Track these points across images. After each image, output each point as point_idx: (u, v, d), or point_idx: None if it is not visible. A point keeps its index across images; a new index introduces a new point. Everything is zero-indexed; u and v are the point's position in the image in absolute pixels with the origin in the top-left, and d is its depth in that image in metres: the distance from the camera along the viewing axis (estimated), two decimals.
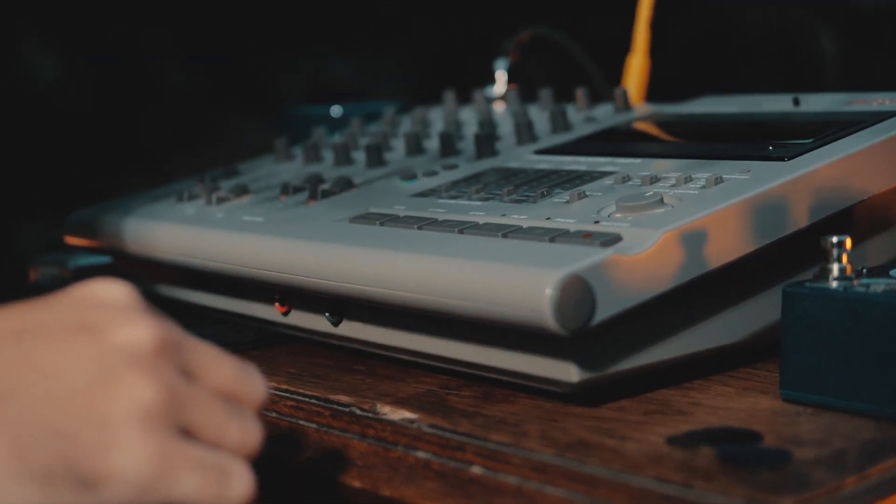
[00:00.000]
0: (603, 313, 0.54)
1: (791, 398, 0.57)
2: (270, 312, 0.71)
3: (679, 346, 0.59)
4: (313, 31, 2.88)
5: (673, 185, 0.63)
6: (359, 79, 2.92)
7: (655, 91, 0.91)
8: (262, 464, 0.56)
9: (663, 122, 0.80)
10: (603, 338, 0.56)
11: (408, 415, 0.59)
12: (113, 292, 0.47)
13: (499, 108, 0.96)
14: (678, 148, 0.72)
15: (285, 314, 0.71)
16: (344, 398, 0.62)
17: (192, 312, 0.78)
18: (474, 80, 1.00)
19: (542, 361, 0.57)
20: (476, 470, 0.53)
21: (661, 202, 0.60)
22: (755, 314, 0.62)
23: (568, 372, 0.56)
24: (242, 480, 0.46)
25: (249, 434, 0.48)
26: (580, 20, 1.05)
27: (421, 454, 0.56)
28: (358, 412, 0.60)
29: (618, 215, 0.60)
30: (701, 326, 0.60)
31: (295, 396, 0.64)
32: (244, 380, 0.49)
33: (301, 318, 0.70)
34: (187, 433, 0.46)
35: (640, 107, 0.86)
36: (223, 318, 0.76)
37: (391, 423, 0.58)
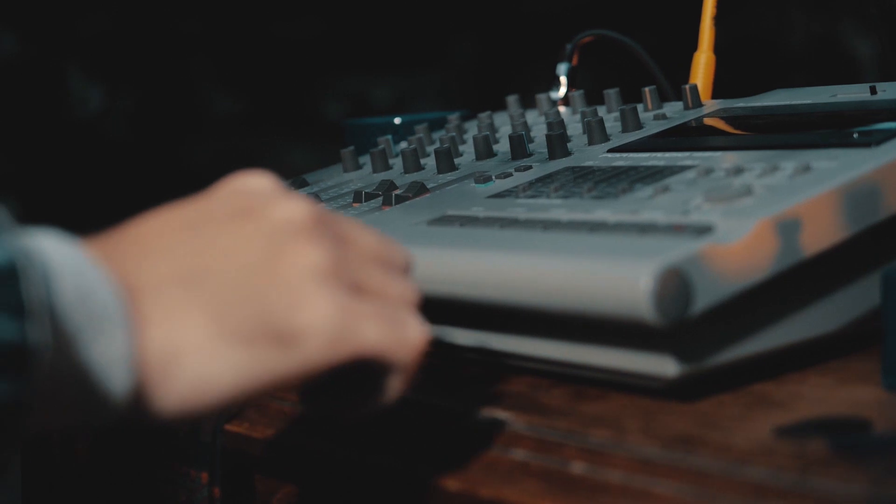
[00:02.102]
0: (701, 304, 0.53)
1: (894, 386, 0.55)
2: None
3: (777, 337, 0.58)
4: (352, 55, 2.88)
5: (759, 176, 0.62)
6: (398, 99, 2.92)
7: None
8: (356, 468, 0.55)
9: (737, 116, 0.78)
10: (700, 330, 0.55)
11: (501, 415, 0.57)
12: (257, 181, 0.51)
13: (561, 109, 0.95)
14: (758, 140, 0.71)
15: None
16: (434, 400, 0.61)
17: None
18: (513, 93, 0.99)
19: (637, 357, 0.56)
20: (578, 468, 0.52)
21: (749, 191, 0.59)
22: (850, 302, 0.60)
23: (665, 366, 0.55)
24: (417, 325, 0.50)
25: (408, 288, 0.51)
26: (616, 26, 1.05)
27: (518, 454, 0.55)
28: (449, 414, 0.59)
29: (706, 206, 0.59)
30: (798, 316, 0.58)
31: None
32: (389, 245, 0.53)
33: None
34: (356, 290, 0.49)
35: (709, 103, 0.84)
36: None
37: (484, 423, 0.57)
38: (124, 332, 0.44)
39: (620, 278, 0.53)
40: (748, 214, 0.56)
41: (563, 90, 0.96)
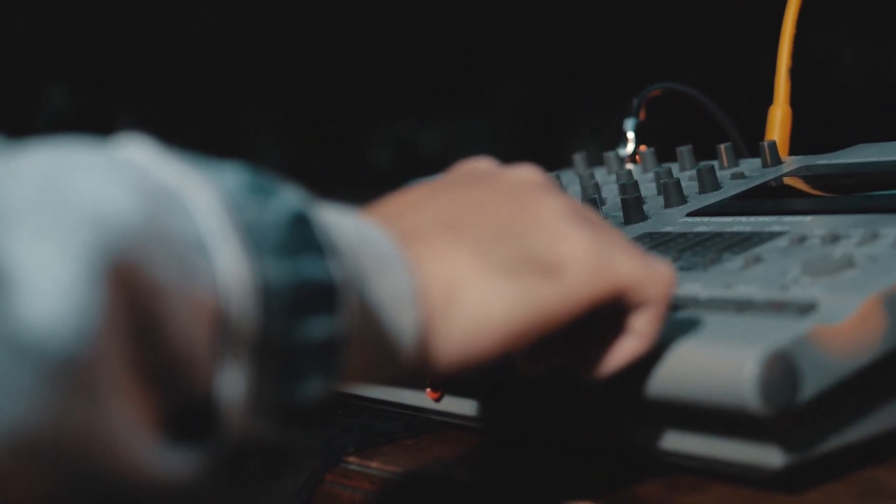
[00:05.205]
0: (809, 390, 0.49)
1: None
2: (421, 399, 0.67)
3: (888, 419, 0.54)
4: (399, 101, 2.87)
5: (858, 244, 0.58)
6: (446, 145, 2.90)
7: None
8: None
9: (822, 175, 0.75)
10: (807, 417, 0.51)
11: None
12: (484, 161, 0.55)
13: (629, 167, 0.92)
14: (850, 202, 0.67)
15: (437, 400, 0.67)
16: (512, 488, 0.57)
17: (336, 401, 0.74)
18: (565, 143, 0.96)
19: (739, 446, 0.52)
20: None
21: (851, 263, 0.55)
22: None
23: (770, 456, 0.51)
24: (664, 262, 0.51)
25: (636, 244, 0.52)
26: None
27: None
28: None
29: (806, 280, 0.55)
30: None
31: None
32: None
33: (455, 405, 0.66)
34: (601, 233, 0.51)
35: (789, 160, 0.81)
36: (370, 407, 0.72)
37: None
38: (405, 270, 0.46)
39: (721, 364, 0.49)
40: (854, 290, 0.52)
41: (630, 147, 0.93)
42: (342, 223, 0.45)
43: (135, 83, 2.77)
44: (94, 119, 2.71)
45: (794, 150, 0.86)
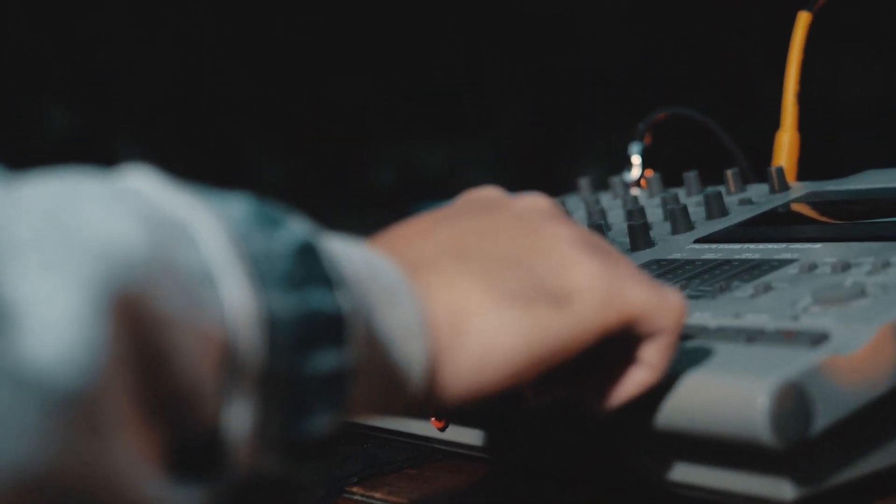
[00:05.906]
0: (822, 422, 0.48)
1: None
2: (426, 428, 0.66)
3: None
4: (402, 121, 2.86)
5: (869, 273, 0.57)
6: (449, 166, 2.90)
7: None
8: None
9: (831, 202, 0.74)
10: (819, 449, 0.50)
11: None
12: (491, 190, 0.54)
13: (634, 192, 0.91)
14: (860, 229, 0.67)
15: (442, 429, 0.66)
16: None
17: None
18: (569, 165, 0.96)
19: (750, 478, 0.51)
20: None
21: (863, 292, 0.55)
22: None
23: (781, 489, 0.50)
24: (675, 291, 0.50)
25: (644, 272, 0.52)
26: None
27: None
28: None
29: (816, 309, 0.54)
30: None
31: None
32: None
33: (460, 434, 0.65)
34: (610, 261, 0.50)
35: (796, 186, 0.80)
36: (374, 436, 0.71)
37: None
38: (412, 300, 0.45)
39: (731, 396, 0.49)
40: (866, 320, 0.52)
41: (636, 172, 0.92)
42: (349, 254, 0.44)
43: (134, 101, 2.76)
44: (94, 137, 2.71)
45: (801, 176, 0.85)
